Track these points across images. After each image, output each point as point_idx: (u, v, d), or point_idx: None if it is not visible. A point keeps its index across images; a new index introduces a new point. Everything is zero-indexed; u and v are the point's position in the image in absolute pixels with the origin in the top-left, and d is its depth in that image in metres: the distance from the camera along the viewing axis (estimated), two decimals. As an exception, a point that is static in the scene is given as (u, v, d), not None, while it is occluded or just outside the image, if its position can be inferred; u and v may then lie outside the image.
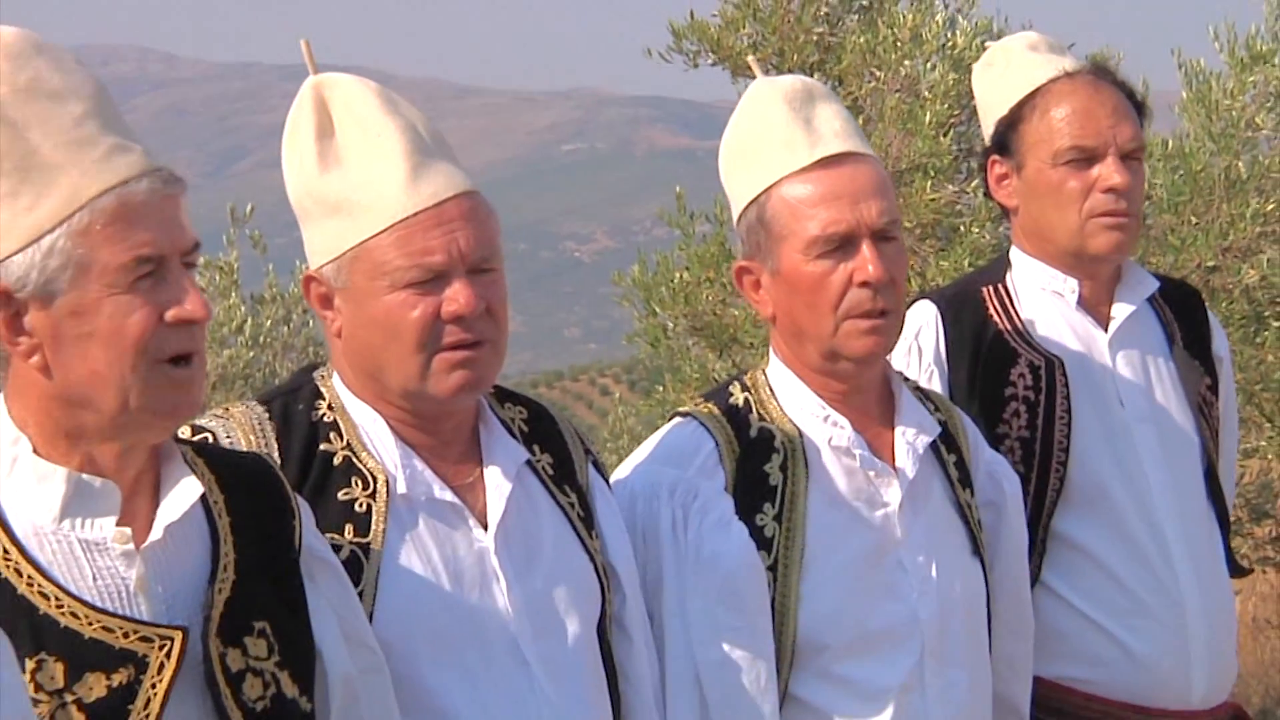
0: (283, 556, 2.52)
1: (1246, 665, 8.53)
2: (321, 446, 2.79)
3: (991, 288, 3.74)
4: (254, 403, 2.85)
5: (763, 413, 3.21)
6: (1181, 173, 7.12)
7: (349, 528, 2.73)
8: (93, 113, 2.30)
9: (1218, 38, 7.16)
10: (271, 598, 2.46)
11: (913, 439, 3.22)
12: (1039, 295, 3.71)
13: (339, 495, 2.75)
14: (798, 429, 3.19)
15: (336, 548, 2.70)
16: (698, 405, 3.28)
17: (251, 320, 9.14)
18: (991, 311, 3.70)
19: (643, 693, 2.99)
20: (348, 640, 2.59)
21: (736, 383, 3.29)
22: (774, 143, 3.13)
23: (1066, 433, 3.60)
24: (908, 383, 3.36)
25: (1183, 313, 3.85)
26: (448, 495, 2.81)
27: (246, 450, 2.70)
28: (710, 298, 7.72)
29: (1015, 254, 3.78)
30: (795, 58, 7.34)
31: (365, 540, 2.73)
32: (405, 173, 2.71)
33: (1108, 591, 3.61)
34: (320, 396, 2.85)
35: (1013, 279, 3.75)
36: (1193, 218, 7.09)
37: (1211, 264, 7.05)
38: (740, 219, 3.21)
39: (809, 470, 3.17)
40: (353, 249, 2.74)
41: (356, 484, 2.77)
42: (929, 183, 7.09)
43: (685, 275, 7.75)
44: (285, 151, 2.82)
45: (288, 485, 2.60)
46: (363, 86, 2.79)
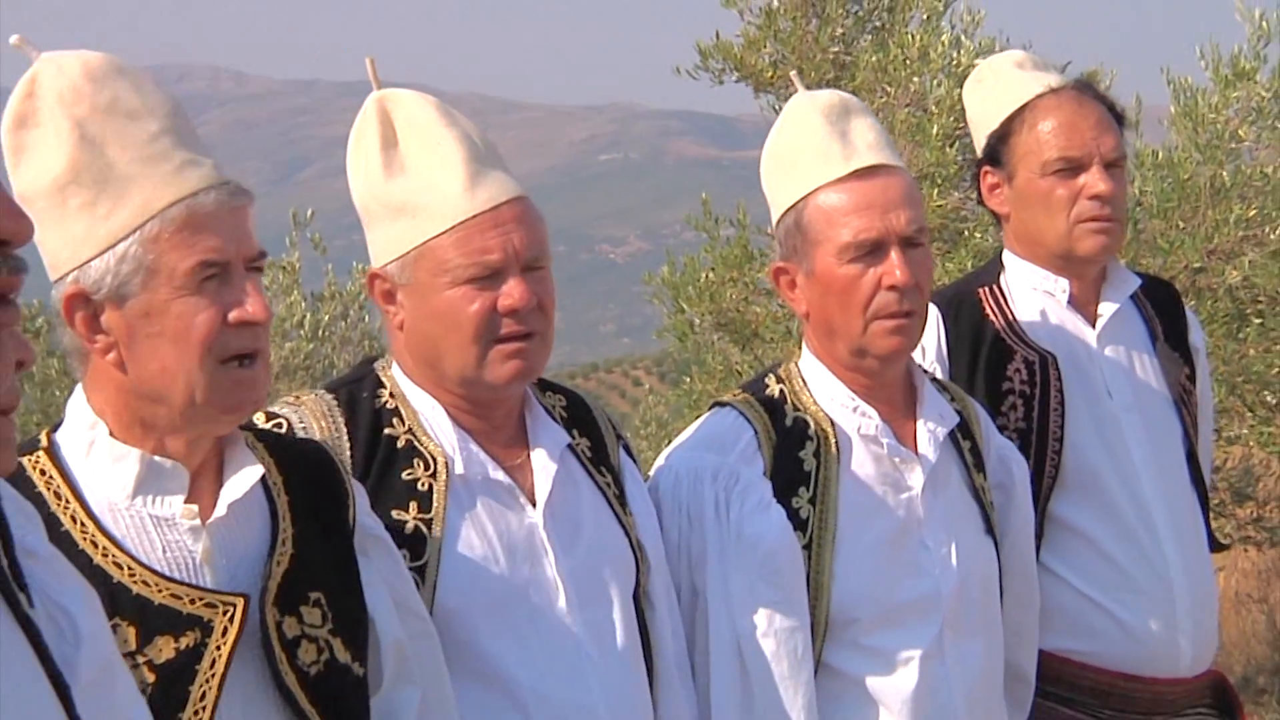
0: (338, 533, 2.52)
1: (1230, 637, 8.51)
2: (385, 431, 2.80)
3: (987, 289, 3.73)
4: (322, 391, 2.87)
5: (796, 403, 3.20)
6: (1170, 181, 7.08)
7: (413, 505, 2.74)
8: (167, 130, 2.31)
9: (1204, 56, 7.13)
10: (327, 571, 2.47)
11: (934, 428, 3.22)
12: (1031, 295, 3.70)
13: (403, 475, 2.77)
14: (829, 418, 3.19)
15: (401, 523, 2.71)
16: (736, 396, 3.28)
17: (311, 316, 9.17)
18: (988, 311, 3.69)
19: (665, 657, 3.00)
20: (399, 609, 2.59)
21: (771, 375, 3.29)
22: (812, 154, 3.13)
23: (1060, 423, 3.60)
24: (928, 376, 3.36)
25: (1163, 309, 3.85)
26: (500, 475, 2.82)
27: (305, 438, 2.71)
28: (734, 296, 7.73)
29: (1008, 257, 3.76)
30: (813, 75, 7.34)
31: (428, 516, 2.74)
32: (464, 179, 2.72)
33: (1101, 569, 3.60)
34: (382, 385, 2.86)
35: (1006, 280, 3.73)
36: (1180, 223, 7.06)
37: (1198, 265, 7.02)
38: (779, 223, 3.20)
39: (840, 456, 3.17)
40: (416, 248, 2.76)
41: (418, 465, 2.78)
42: (935, 190, 7.09)
43: (711, 275, 7.77)
44: (351, 160, 2.84)
45: (343, 469, 2.61)
46: (423, 100, 2.80)
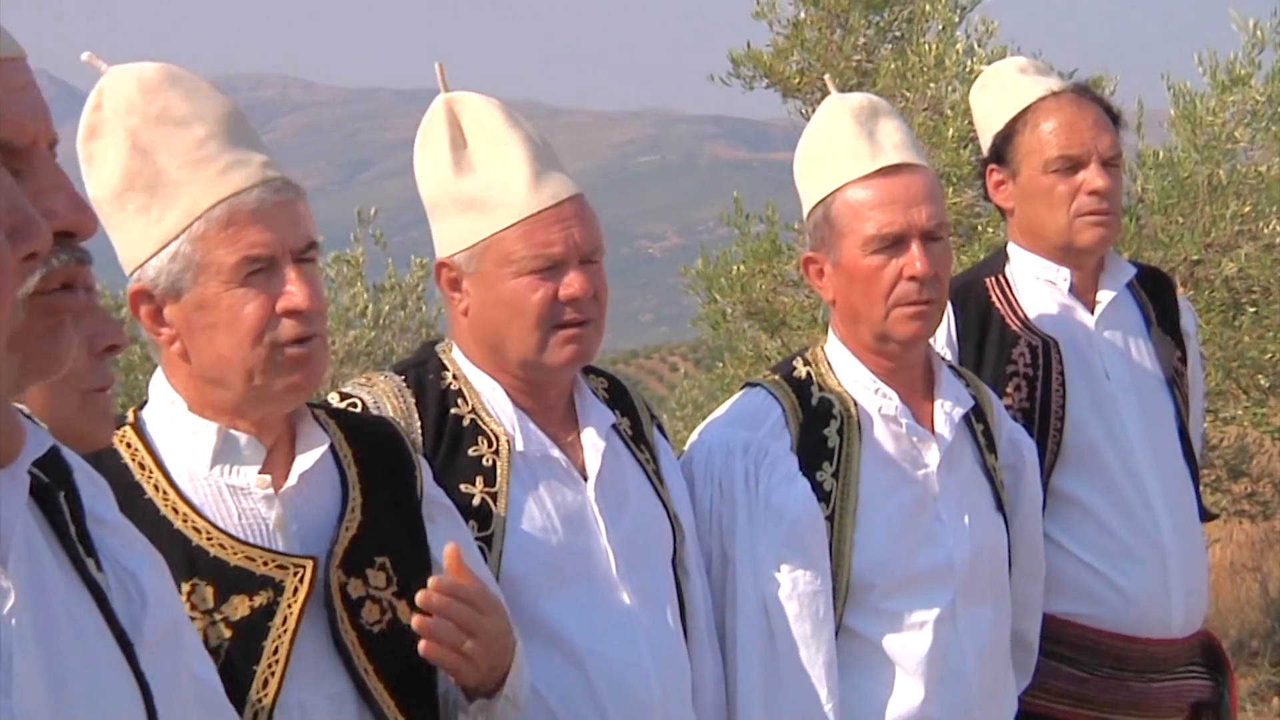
0: (406, 503, 2.52)
1: (1225, 603, 8.49)
2: (452, 410, 2.81)
3: (993, 279, 3.72)
4: (391, 373, 2.87)
5: (822, 384, 3.20)
6: (1170, 179, 7.06)
7: (479, 480, 2.74)
8: (215, 134, 2.30)
9: (1202, 63, 7.10)
10: (393, 537, 2.46)
11: (950, 410, 3.22)
12: (1034, 284, 3.70)
13: (469, 451, 2.77)
14: (852, 399, 3.18)
15: (469, 497, 2.72)
16: (766, 376, 3.28)
17: (373, 306, 9.19)
18: (994, 299, 3.69)
19: (697, 620, 3.00)
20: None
21: (799, 358, 3.28)
22: (841, 152, 3.12)
23: (1062, 403, 3.59)
24: (946, 362, 3.36)
25: (1156, 296, 3.84)
26: (556, 453, 2.83)
27: (373, 415, 2.71)
28: (763, 287, 7.73)
29: (1012, 249, 3.76)
30: (837, 81, 7.34)
31: (494, 491, 2.74)
32: (529, 177, 2.73)
33: (1099, 538, 3.60)
34: (445, 368, 2.86)
35: (1011, 270, 3.73)
36: (1180, 218, 7.04)
37: (1196, 258, 7.00)
38: (809, 216, 3.20)
39: (862, 435, 3.16)
40: (484, 240, 2.76)
41: (482, 442, 2.78)
42: (950, 189, 7.07)
43: (742, 268, 7.78)
44: (418, 158, 2.84)
45: (408, 443, 2.60)
46: (488, 103, 2.80)
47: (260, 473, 2.37)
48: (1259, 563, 9.02)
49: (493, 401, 2.83)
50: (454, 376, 2.85)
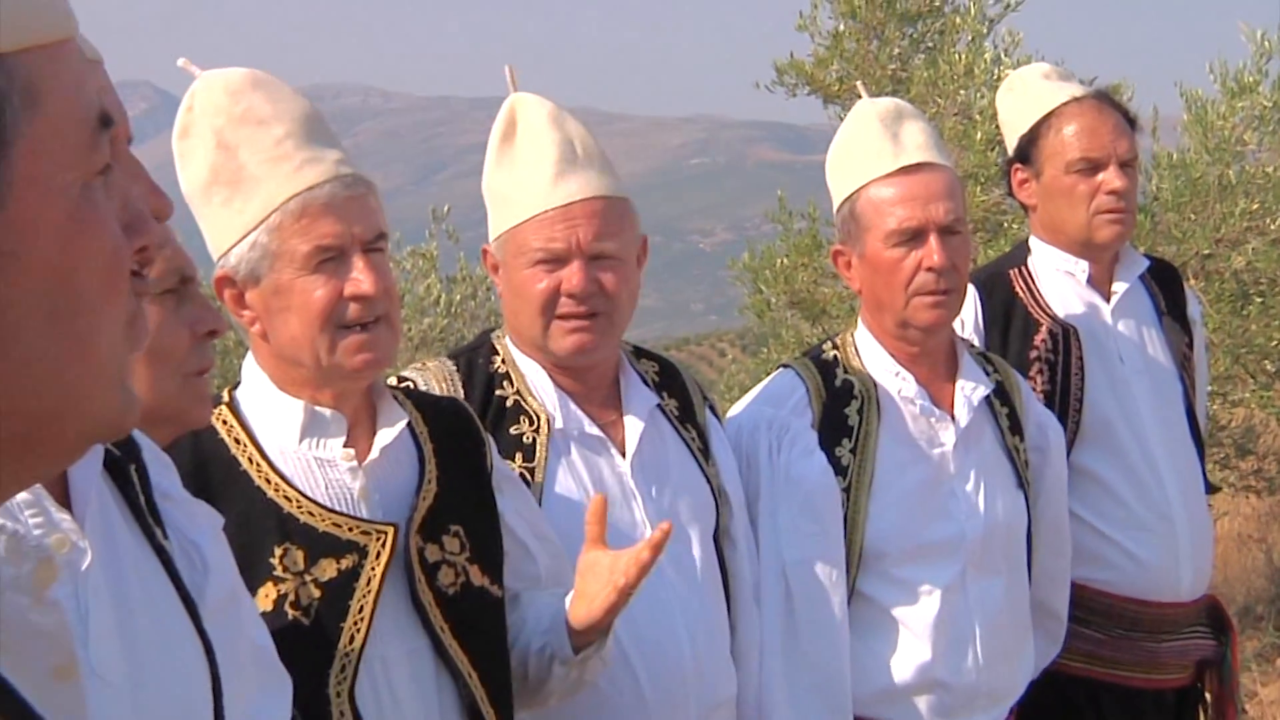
0: (477, 475, 2.53)
1: (1232, 571, 8.46)
2: (497, 392, 2.80)
3: (1017, 270, 3.71)
4: (445, 359, 2.88)
5: (847, 366, 3.19)
6: (1183, 180, 7.02)
7: (519, 456, 2.74)
8: (293, 133, 2.30)
9: (1213, 71, 7.04)
10: (466, 506, 2.46)
11: (969, 393, 3.20)
12: (1055, 275, 3.69)
13: (510, 430, 2.77)
14: (874, 380, 3.17)
15: None
16: (796, 359, 3.29)
17: (445, 296, 9.20)
18: (1018, 289, 3.68)
19: (744, 589, 3.00)
20: (534, 535, 2.62)
21: (829, 341, 3.28)
22: (867, 152, 3.11)
23: (1080, 385, 3.58)
24: (971, 349, 3.34)
25: (1167, 287, 3.82)
26: (594, 430, 2.81)
27: (446, 395, 2.72)
28: (805, 278, 7.73)
29: (1035, 242, 3.75)
30: (873, 88, 7.31)
31: (531, 465, 2.74)
32: (551, 177, 2.72)
33: (1114, 510, 3.59)
34: (496, 352, 2.87)
35: (1033, 263, 3.72)
36: (1192, 215, 7.00)
37: (1207, 252, 6.96)
38: (838, 211, 3.19)
39: (881, 414, 3.15)
40: (508, 231, 2.78)
41: (524, 421, 2.78)
42: (979, 188, 7.07)
43: (785, 261, 7.79)
44: (487, 152, 2.86)
45: (478, 422, 2.61)
46: (540, 105, 2.79)
47: (344, 446, 2.38)
48: (1264, 534, 8.99)
49: (536, 383, 2.83)
50: (503, 360, 2.85)
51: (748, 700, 3.00)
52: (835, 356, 3.22)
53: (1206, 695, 3.80)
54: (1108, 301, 3.70)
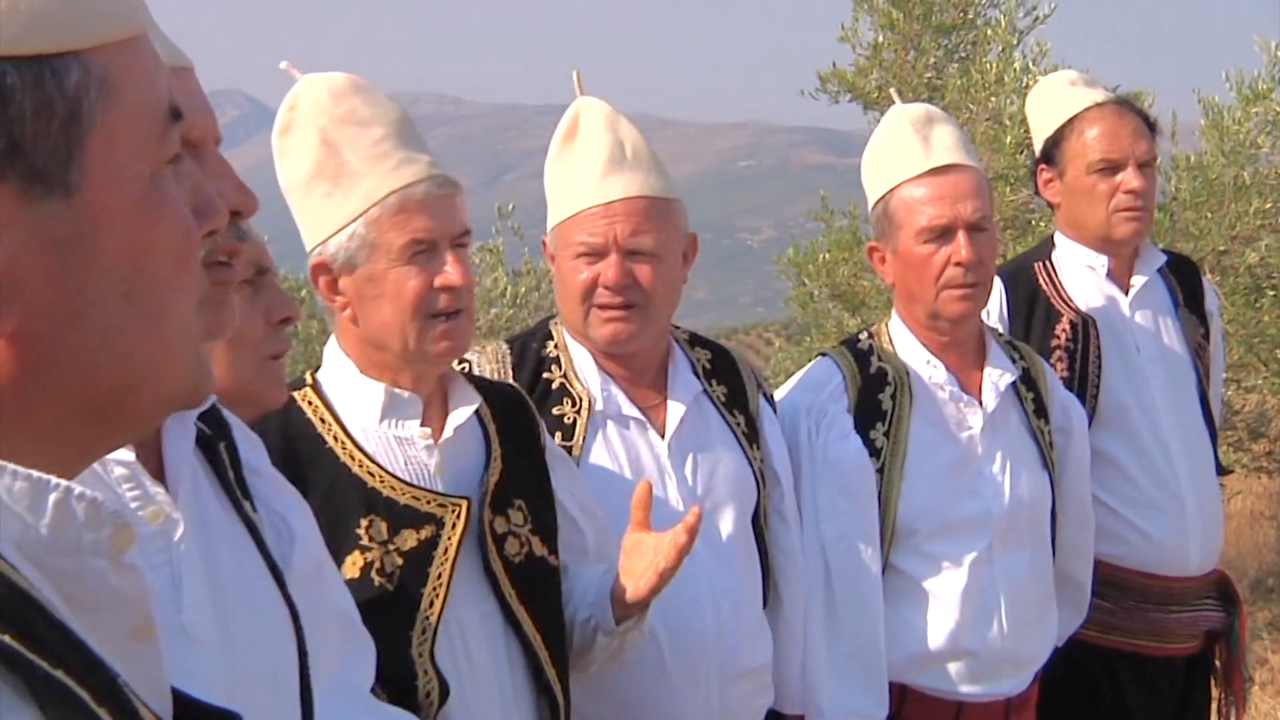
0: (533, 454, 2.53)
1: (1244, 546, 8.42)
2: (544, 375, 2.80)
3: (1041, 264, 3.69)
4: (501, 342, 2.87)
5: (881, 354, 3.18)
6: (1200, 181, 6.98)
7: (558, 435, 2.72)
8: (390, 135, 2.31)
9: (1229, 79, 6.99)
10: (526, 483, 2.48)
11: (996, 379, 3.18)
12: (1077, 269, 3.66)
13: (554, 411, 2.76)
14: (906, 368, 3.16)
15: None
16: (834, 347, 3.28)
17: (511, 288, 9.23)
18: (1041, 282, 3.66)
19: (795, 564, 2.99)
20: (584, 513, 2.62)
21: (865, 331, 3.27)
22: (900, 154, 3.10)
23: (1098, 373, 3.56)
24: (1000, 337, 3.32)
25: (1184, 280, 3.79)
26: (633, 411, 2.80)
27: (503, 381, 2.72)
28: (846, 272, 7.73)
29: (1058, 238, 3.72)
30: (910, 95, 7.28)
31: (570, 443, 2.72)
32: (597, 177, 2.72)
33: (1128, 490, 3.57)
34: (550, 338, 2.86)
35: (1057, 257, 3.70)
36: (1208, 214, 6.96)
37: (1222, 248, 6.91)
38: (872, 210, 3.18)
39: (913, 399, 3.13)
40: (559, 224, 2.78)
41: (566, 403, 2.77)
42: (1008, 189, 7.03)
43: (827, 256, 7.78)
44: (549, 150, 2.85)
45: (531, 405, 2.61)
46: (599, 108, 2.78)
47: (421, 425, 2.39)
48: (1275, 511, 8.96)
49: (583, 367, 2.81)
50: (555, 345, 2.85)
51: (793, 665, 3.00)
52: (870, 345, 3.21)
53: (1216, 663, 3.78)
54: (1126, 294, 3.67)
